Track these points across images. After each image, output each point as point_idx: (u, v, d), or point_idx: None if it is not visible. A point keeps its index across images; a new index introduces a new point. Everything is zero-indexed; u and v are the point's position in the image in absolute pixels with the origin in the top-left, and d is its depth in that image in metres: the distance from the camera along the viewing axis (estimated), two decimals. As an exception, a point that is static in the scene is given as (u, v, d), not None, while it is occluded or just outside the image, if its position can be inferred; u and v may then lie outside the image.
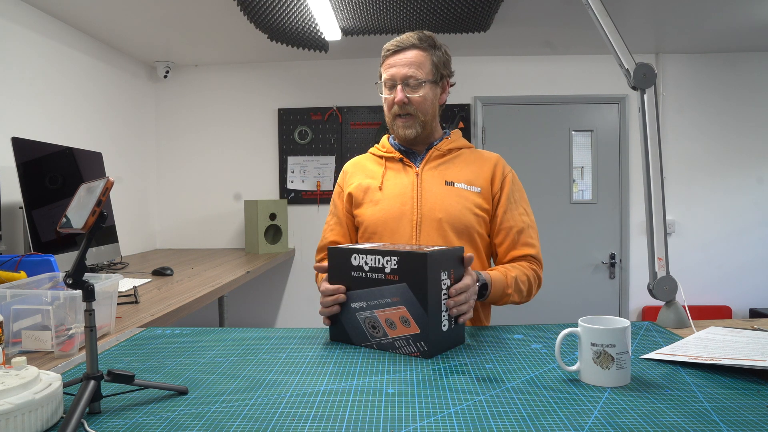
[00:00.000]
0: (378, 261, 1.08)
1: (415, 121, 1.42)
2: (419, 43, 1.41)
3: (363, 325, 1.11)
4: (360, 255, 1.11)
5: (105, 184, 0.76)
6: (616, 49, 1.31)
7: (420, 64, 1.40)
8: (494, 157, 1.52)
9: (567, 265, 3.70)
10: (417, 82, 1.39)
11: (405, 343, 1.05)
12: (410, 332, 1.04)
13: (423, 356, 1.03)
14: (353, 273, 1.12)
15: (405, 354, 1.05)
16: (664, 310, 1.28)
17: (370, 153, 1.57)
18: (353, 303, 1.12)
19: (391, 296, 1.06)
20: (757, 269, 3.64)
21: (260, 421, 0.76)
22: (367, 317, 1.10)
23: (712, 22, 3.07)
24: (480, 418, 0.76)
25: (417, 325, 1.03)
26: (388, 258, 1.07)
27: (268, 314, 3.81)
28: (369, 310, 1.10)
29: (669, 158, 3.61)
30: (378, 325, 1.09)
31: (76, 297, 1.12)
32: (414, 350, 1.04)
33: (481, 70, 3.72)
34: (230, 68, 3.81)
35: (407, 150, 1.50)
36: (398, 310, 1.06)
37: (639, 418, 0.75)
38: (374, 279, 1.09)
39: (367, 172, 1.51)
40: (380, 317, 1.08)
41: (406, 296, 1.04)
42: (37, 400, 0.71)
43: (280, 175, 3.79)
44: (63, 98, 2.84)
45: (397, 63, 1.40)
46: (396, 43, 1.41)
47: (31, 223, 2.08)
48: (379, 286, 1.08)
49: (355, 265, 1.12)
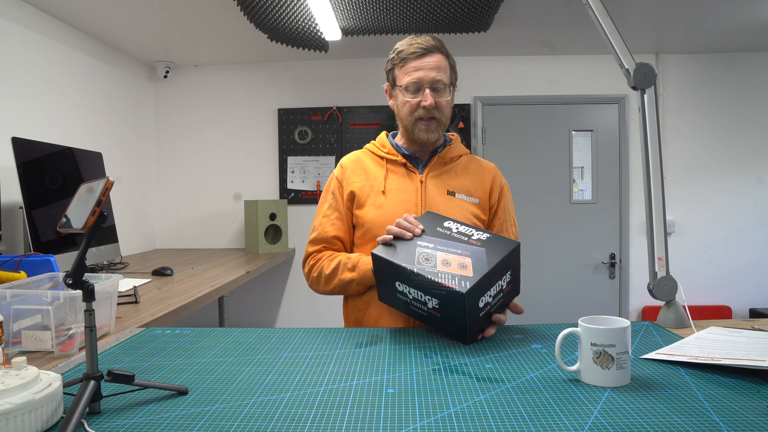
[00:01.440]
0: (469, 230, 1.20)
1: (438, 125, 1.41)
2: (441, 47, 1.41)
3: (417, 254, 1.14)
4: (455, 223, 1.23)
5: (105, 184, 0.76)
6: (616, 49, 1.31)
7: (444, 69, 1.40)
8: (492, 168, 1.53)
9: (567, 265, 3.70)
10: (443, 86, 1.39)
11: (450, 277, 1.08)
12: (463, 273, 1.08)
13: (459, 290, 1.04)
14: (439, 229, 1.21)
15: (440, 283, 1.07)
16: (664, 310, 1.28)
17: (368, 150, 1.53)
18: (421, 241, 1.18)
19: (463, 250, 1.14)
20: (757, 269, 3.64)
21: (260, 421, 0.76)
22: (425, 252, 1.15)
23: (712, 22, 3.07)
24: (480, 418, 0.76)
25: (472, 271, 1.08)
26: (480, 231, 1.20)
27: (268, 314, 3.81)
28: (432, 249, 1.15)
29: (669, 158, 3.61)
30: (433, 258, 1.13)
31: (76, 297, 1.12)
32: (455, 283, 1.06)
33: (481, 70, 3.72)
34: (230, 68, 3.81)
35: (410, 154, 1.47)
36: (463, 258, 1.12)
37: (639, 418, 0.75)
38: (457, 237, 1.19)
39: (368, 172, 1.47)
40: (440, 256, 1.13)
41: (479, 256, 1.12)
42: (37, 400, 0.71)
43: (280, 175, 3.79)
44: (63, 98, 2.84)
45: (424, 66, 1.38)
46: (420, 46, 1.38)
47: (31, 223, 2.08)
48: (457, 242, 1.17)
49: (446, 226, 1.22)
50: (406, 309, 1.19)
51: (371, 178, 1.46)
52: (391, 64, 1.44)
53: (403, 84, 1.40)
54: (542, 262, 3.67)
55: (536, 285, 3.68)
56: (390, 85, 1.48)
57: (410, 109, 1.41)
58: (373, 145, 1.53)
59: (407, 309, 1.18)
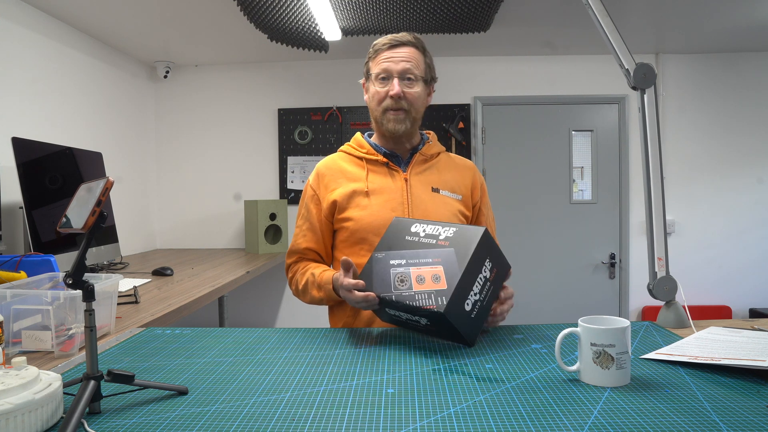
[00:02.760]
0: (435, 230, 1.18)
1: (407, 116, 1.39)
2: (416, 42, 1.40)
3: (392, 278, 1.14)
4: (421, 224, 1.21)
5: (105, 184, 0.76)
6: (616, 49, 1.31)
7: (416, 61, 1.39)
8: (471, 166, 1.53)
9: (567, 265, 3.70)
10: (414, 76, 1.38)
11: (426, 296, 1.07)
12: (436, 287, 1.08)
13: (437, 310, 1.04)
14: (407, 237, 1.20)
15: (419, 307, 1.06)
16: (664, 310, 1.28)
17: (343, 152, 1.49)
18: (393, 260, 1.17)
19: (434, 257, 1.13)
20: (757, 269, 3.64)
21: (260, 421, 0.76)
22: (399, 272, 1.14)
23: (712, 22, 3.07)
24: (480, 418, 0.76)
25: (446, 282, 1.07)
26: (446, 228, 1.17)
27: (268, 314, 3.81)
28: (405, 266, 1.15)
29: (669, 158, 3.61)
30: (407, 279, 1.12)
31: (76, 297, 1.12)
32: (431, 303, 1.05)
33: (481, 70, 3.72)
34: (230, 68, 3.81)
35: (390, 153, 1.45)
36: (434, 268, 1.11)
37: (639, 418, 0.75)
38: (425, 243, 1.17)
39: (347, 175, 1.43)
40: (413, 273, 1.13)
41: (449, 259, 1.11)
42: (37, 400, 0.71)
43: (280, 175, 3.79)
44: (63, 98, 2.84)
45: (394, 57, 1.38)
46: (392, 39, 1.39)
47: (31, 223, 2.08)
48: (427, 249, 1.16)
49: (413, 231, 1.21)
50: (406, 326, 1.19)
51: (352, 180, 1.42)
52: (367, 57, 1.44)
53: (374, 73, 1.40)
54: (542, 262, 3.67)
55: (536, 285, 3.68)
56: (365, 80, 1.47)
57: (378, 99, 1.39)
58: (349, 147, 1.49)
59: (407, 326, 1.19)
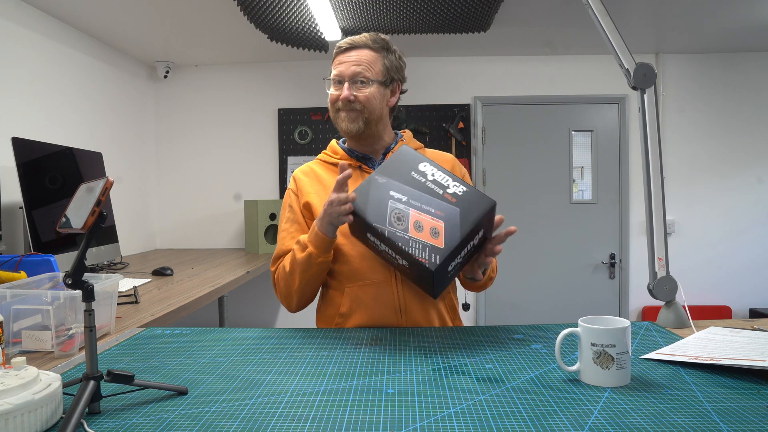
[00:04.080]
0: (445, 180, 1.16)
1: (359, 115, 1.37)
2: (372, 44, 1.38)
3: (389, 211, 1.11)
4: (431, 166, 1.18)
5: (104, 184, 0.76)
6: (616, 49, 1.31)
7: (370, 64, 1.37)
8: (450, 158, 1.51)
9: (567, 265, 3.70)
10: (365, 80, 1.36)
11: (420, 247, 1.07)
12: (433, 242, 1.07)
13: (428, 266, 1.04)
14: (413, 174, 1.17)
15: (409, 253, 1.06)
16: (664, 310, 1.28)
17: (320, 160, 1.49)
18: (394, 191, 1.14)
19: (437, 208, 1.11)
20: (757, 269, 3.64)
21: (260, 421, 0.76)
22: (398, 208, 1.12)
23: (712, 22, 3.07)
24: (480, 418, 0.76)
25: (443, 241, 1.07)
26: (456, 183, 1.15)
27: (268, 314, 3.81)
28: (405, 204, 1.12)
29: (669, 158, 3.61)
30: (405, 219, 1.10)
31: (76, 297, 1.12)
32: (424, 257, 1.06)
33: (481, 70, 3.72)
34: (230, 68, 3.81)
35: (364, 156, 1.44)
36: (435, 221, 1.09)
37: (639, 418, 0.75)
38: (431, 189, 1.14)
39: (323, 181, 1.42)
40: (412, 216, 1.11)
41: (452, 219, 1.09)
42: (36, 401, 0.71)
43: (280, 175, 3.79)
44: (63, 98, 2.84)
45: (347, 60, 1.37)
46: (349, 42, 1.38)
47: (31, 223, 2.08)
48: (431, 196, 1.13)
49: (420, 170, 1.17)
50: (378, 253, 1.19)
51: (327, 187, 1.41)
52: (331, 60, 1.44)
53: (329, 77, 1.40)
54: (542, 262, 3.67)
55: (536, 285, 3.68)
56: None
57: (331, 101, 1.40)
58: (324, 155, 1.49)
59: (379, 254, 1.19)
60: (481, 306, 3.70)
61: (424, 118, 3.70)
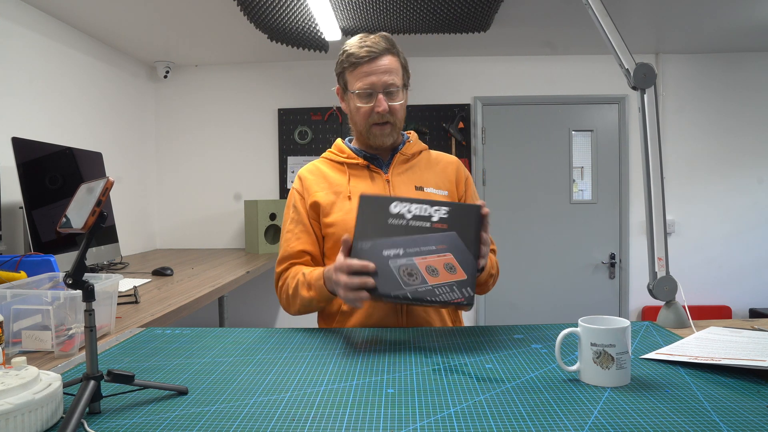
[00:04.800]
0: (425, 210, 1.10)
1: (392, 129, 1.38)
2: (391, 48, 1.36)
3: (397, 273, 1.06)
4: (403, 203, 1.11)
5: (105, 184, 0.76)
6: (616, 49, 1.31)
7: (396, 71, 1.36)
8: (454, 160, 1.51)
9: (567, 265, 3.70)
10: (396, 89, 1.35)
11: (448, 289, 1.04)
12: (455, 278, 1.05)
13: (467, 302, 1.03)
14: (390, 221, 1.10)
15: (445, 301, 1.04)
16: (664, 310, 1.28)
17: (326, 159, 1.48)
18: (386, 250, 1.08)
19: (436, 243, 1.07)
20: (757, 269, 3.65)
21: (260, 421, 0.76)
22: (403, 264, 1.07)
23: (712, 22, 3.07)
24: (480, 418, 0.76)
25: (464, 272, 1.05)
26: (437, 207, 1.10)
27: (268, 314, 3.81)
28: (407, 257, 1.07)
29: (669, 158, 3.61)
30: (416, 272, 1.06)
31: (76, 297, 1.12)
32: (458, 296, 1.04)
33: (481, 70, 3.72)
34: (230, 68, 3.81)
35: (371, 156, 1.44)
36: (443, 257, 1.06)
37: (639, 418, 0.75)
38: (417, 227, 1.09)
39: (329, 180, 1.42)
40: (420, 264, 1.06)
41: (455, 244, 1.07)
42: (36, 400, 0.71)
43: (280, 175, 3.79)
44: (63, 98, 2.84)
45: (375, 71, 1.33)
46: (370, 51, 1.33)
47: (31, 223, 2.08)
48: (422, 233, 1.09)
49: (395, 213, 1.11)
50: (402, 303, 1.17)
51: (334, 185, 1.41)
52: (341, 67, 1.39)
53: (356, 90, 1.35)
54: (542, 262, 3.67)
55: (536, 285, 3.68)
56: (341, 89, 1.43)
57: (364, 115, 1.37)
58: (330, 153, 1.48)
59: (403, 303, 1.16)
60: (481, 306, 3.70)
61: (424, 118, 3.70)
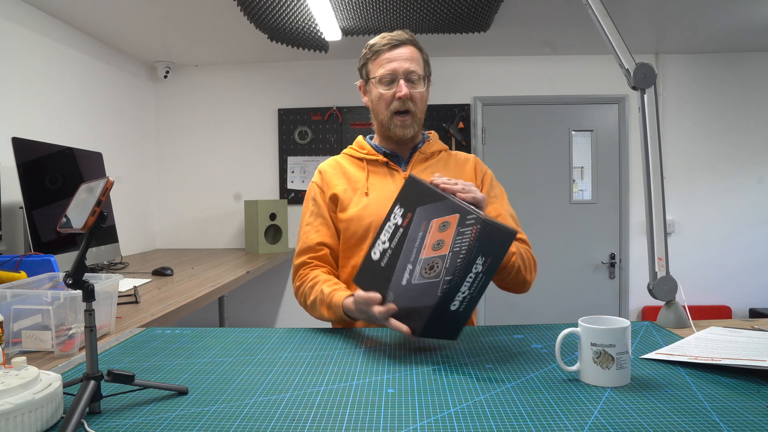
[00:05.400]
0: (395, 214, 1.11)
1: (413, 120, 1.40)
2: (414, 40, 1.40)
3: (423, 280, 0.99)
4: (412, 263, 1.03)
5: (105, 184, 0.76)
6: (616, 49, 1.31)
7: (417, 60, 1.39)
8: (471, 158, 1.51)
9: (567, 265, 3.70)
10: (418, 77, 1.38)
11: (461, 238, 0.96)
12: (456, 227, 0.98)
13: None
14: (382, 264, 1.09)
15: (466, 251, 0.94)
16: (664, 310, 1.28)
17: (345, 154, 1.49)
18: (403, 279, 1.03)
19: (421, 223, 1.04)
20: (757, 269, 3.64)
21: (260, 421, 0.76)
22: (420, 270, 1.00)
23: (712, 22, 3.06)
24: (480, 418, 0.76)
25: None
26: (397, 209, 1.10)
27: (268, 314, 3.81)
28: (417, 263, 1.01)
29: (669, 158, 3.61)
30: (431, 261, 0.99)
31: (76, 297, 1.12)
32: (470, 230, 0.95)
33: (481, 70, 3.72)
34: (230, 68, 3.81)
35: (391, 153, 1.45)
36: (433, 230, 1.01)
37: (639, 418, 0.75)
38: (401, 240, 1.07)
39: (348, 175, 1.44)
40: (427, 253, 1.00)
41: (430, 210, 1.04)
42: (37, 400, 0.71)
43: (280, 175, 3.79)
44: (63, 98, 2.84)
45: (397, 57, 1.36)
46: (391, 39, 1.37)
47: (31, 223, 2.08)
48: (409, 236, 1.05)
49: (375, 259, 1.11)
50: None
51: (353, 181, 1.43)
52: (364, 59, 1.43)
53: (377, 76, 1.38)
54: (542, 262, 3.62)
55: (536, 285, 3.64)
56: (363, 81, 1.46)
57: (386, 102, 1.39)
58: (351, 149, 1.50)
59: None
60: (481, 306, 3.70)
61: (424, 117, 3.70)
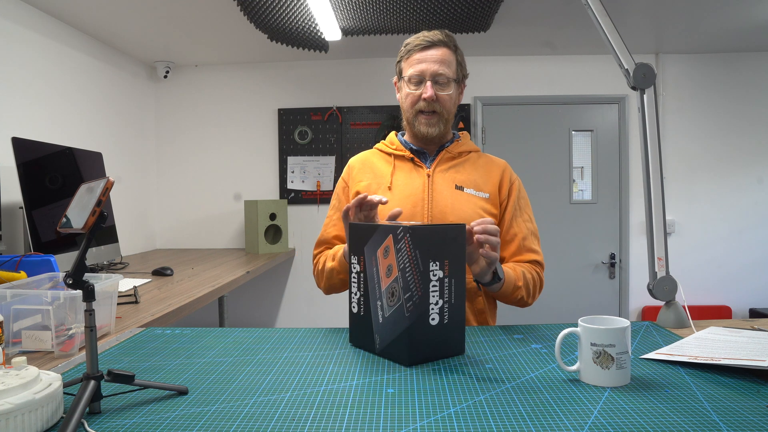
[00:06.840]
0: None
1: (439, 119, 1.41)
2: (448, 41, 1.40)
3: (391, 310, 0.99)
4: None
5: (105, 184, 0.76)
6: (616, 49, 1.31)
7: (449, 63, 1.39)
8: (502, 164, 1.52)
9: (567, 265, 3.70)
10: (446, 80, 1.38)
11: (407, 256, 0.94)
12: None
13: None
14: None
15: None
16: (664, 310, 1.28)
17: (377, 149, 1.54)
18: (379, 318, 1.02)
19: (378, 245, 1.01)
20: (757, 269, 3.64)
21: (260, 421, 0.76)
22: (386, 301, 0.99)
23: (711, 22, 3.07)
24: (480, 418, 0.76)
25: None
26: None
27: (268, 314, 3.81)
28: (381, 296, 1.01)
29: (669, 158, 3.61)
30: (393, 289, 0.97)
31: (76, 297, 1.12)
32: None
33: (481, 70, 3.71)
34: (230, 68, 3.81)
35: (418, 149, 1.48)
36: (387, 258, 0.99)
37: (639, 418, 0.75)
38: (364, 283, 1.06)
39: (375, 170, 1.48)
40: (384, 283, 0.99)
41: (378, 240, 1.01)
42: (37, 400, 0.71)
43: (280, 175, 3.79)
44: (63, 98, 2.84)
45: (427, 59, 1.38)
46: (425, 39, 1.39)
47: (31, 223, 2.08)
48: (368, 277, 1.04)
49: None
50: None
51: (378, 175, 1.47)
52: (399, 57, 1.46)
53: (407, 75, 1.41)
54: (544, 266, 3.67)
55: (536, 285, 3.67)
56: (397, 78, 1.49)
57: (412, 101, 1.41)
58: (382, 144, 1.54)
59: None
60: (481, 306, 3.69)
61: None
